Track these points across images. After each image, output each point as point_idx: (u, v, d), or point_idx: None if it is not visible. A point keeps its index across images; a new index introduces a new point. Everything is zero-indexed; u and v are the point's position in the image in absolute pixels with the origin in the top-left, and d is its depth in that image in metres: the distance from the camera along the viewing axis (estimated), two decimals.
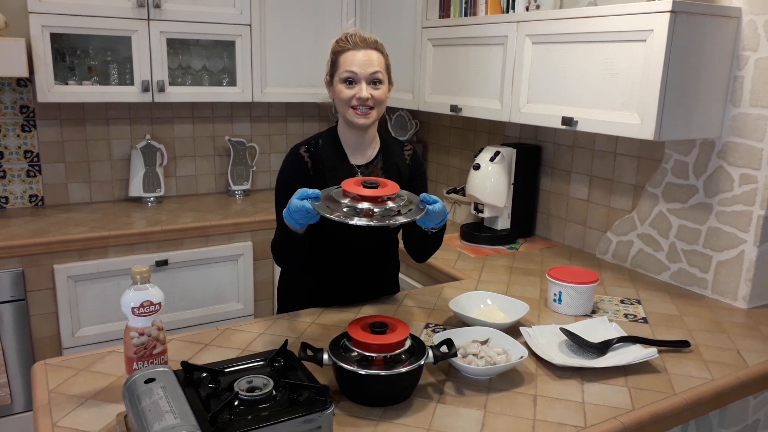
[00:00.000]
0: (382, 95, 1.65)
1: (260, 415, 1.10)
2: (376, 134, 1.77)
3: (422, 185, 1.81)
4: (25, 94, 2.85)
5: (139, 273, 1.27)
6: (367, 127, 1.68)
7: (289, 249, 1.63)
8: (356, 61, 1.61)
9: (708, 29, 1.81)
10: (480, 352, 1.45)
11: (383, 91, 1.65)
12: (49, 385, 1.37)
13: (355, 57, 1.62)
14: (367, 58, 1.62)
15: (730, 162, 1.94)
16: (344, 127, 1.72)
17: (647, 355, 1.50)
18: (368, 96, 1.62)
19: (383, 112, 1.70)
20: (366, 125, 1.66)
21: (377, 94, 1.63)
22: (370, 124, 1.66)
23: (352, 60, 1.62)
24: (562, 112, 2.07)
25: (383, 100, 1.66)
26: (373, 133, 1.75)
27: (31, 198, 2.95)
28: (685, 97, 1.82)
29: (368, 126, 1.67)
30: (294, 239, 1.57)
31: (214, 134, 3.33)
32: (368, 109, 1.63)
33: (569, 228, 2.59)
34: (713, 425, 1.68)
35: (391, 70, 1.71)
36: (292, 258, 1.68)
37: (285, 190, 1.67)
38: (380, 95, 1.64)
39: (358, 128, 1.67)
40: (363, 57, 1.62)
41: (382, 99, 1.65)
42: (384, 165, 1.75)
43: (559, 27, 2.05)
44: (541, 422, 1.26)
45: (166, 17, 2.78)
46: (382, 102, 1.66)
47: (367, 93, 1.62)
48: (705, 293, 2.05)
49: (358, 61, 1.61)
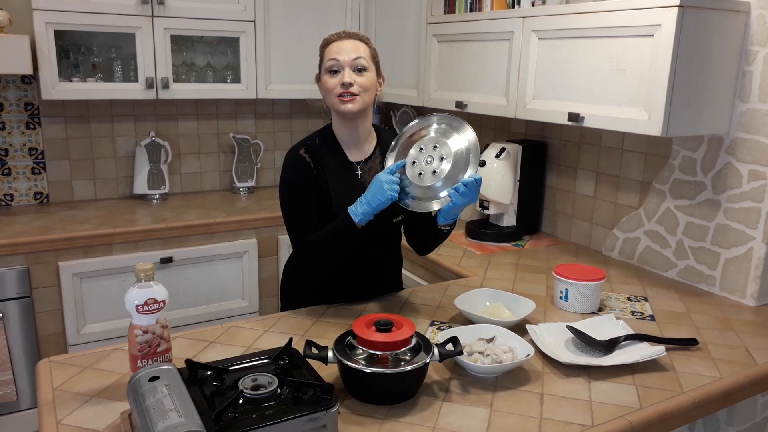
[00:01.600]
0: (367, 82, 1.63)
1: (265, 413, 1.09)
2: (371, 129, 1.76)
3: None
4: (30, 92, 2.85)
5: (143, 270, 1.26)
6: (355, 115, 1.66)
7: (342, 246, 1.62)
8: (339, 50, 1.62)
9: (716, 24, 1.79)
10: (486, 350, 1.44)
11: (368, 78, 1.63)
12: (53, 383, 1.36)
13: (339, 46, 1.63)
14: (351, 46, 1.63)
15: (739, 158, 1.93)
16: (338, 122, 1.72)
17: (655, 353, 1.48)
18: (351, 81, 1.60)
19: (371, 101, 1.68)
20: (353, 111, 1.63)
21: (362, 81, 1.61)
22: (357, 111, 1.63)
23: (336, 49, 1.63)
24: (568, 108, 2.05)
25: (369, 88, 1.63)
26: (368, 127, 1.74)
27: (36, 195, 2.95)
28: (693, 93, 1.80)
29: (355, 112, 1.64)
30: (351, 232, 1.57)
31: (218, 131, 3.33)
32: (353, 95, 1.61)
33: (575, 225, 2.57)
34: (721, 423, 1.67)
35: (380, 65, 1.71)
36: (340, 256, 1.66)
37: (294, 193, 1.67)
38: (365, 82, 1.62)
39: (347, 117, 1.66)
40: (347, 45, 1.63)
41: (367, 86, 1.63)
42: (382, 160, 1.75)
43: (565, 22, 2.03)
44: (548, 421, 1.25)
45: (170, 14, 2.77)
46: (368, 89, 1.63)
47: (350, 78, 1.60)
48: (713, 290, 2.04)
49: (342, 49, 1.62)
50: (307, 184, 1.67)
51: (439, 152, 1.58)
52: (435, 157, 1.58)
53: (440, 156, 1.58)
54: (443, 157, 1.58)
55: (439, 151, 1.58)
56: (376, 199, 1.53)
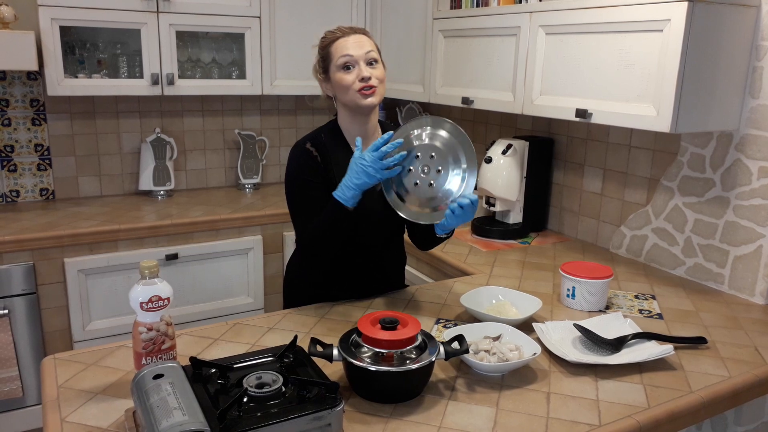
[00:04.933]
0: (381, 74, 1.65)
1: (269, 411, 1.09)
2: (377, 122, 1.77)
3: None
4: (35, 88, 2.85)
5: (147, 268, 1.26)
6: (370, 112, 1.68)
7: (337, 231, 1.61)
8: (350, 45, 1.62)
9: (726, 19, 1.76)
10: (492, 349, 1.42)
11: (380, 70, 1.65)
12: (58, 380, 1.36)
13: (347, 42, 1.63)
14: (358, 40, 1.63)
15: (748, 155, 1.90)
16: (347, 117, 1.71)
17: (663, 352, 1.47)
18: (369, 75, 1.61)
19: (384, 93, 1.70)
20: (374, 104, 1.65)
21: (377, 73, 1.63)
22: (377, 103, 1.66)
23: (345, 45, 1.62)
24: (576, 104, 2.03)
25: (383, 79, 1.66)
26: (375, 120, 1.75)
27: (41, 191, 2.96)
28: (702, 89, 1.78)
29: (375, 105, 1.66)
30: (345, 217, 1.56)
31: (223, 127, 3.32)
32: (372, 87, 1.62)
33: (582, 222, 2.56)
34: (729, 422, 1.66)
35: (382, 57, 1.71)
36: (336, 242, 1.64)
37: (301, 187, 1.67)
38: (379, 74, 1.64)
39: (367, 111, 1.67)
40: (355, 40, 1.63)
41: (382, 77, 1.65)
42: None
43: (573, 17, 2.01)
44: (555, 420, 1.24)
45: (176, 9, 2.76)
46: (383, 81, 1.66)
47: (368, 72, 1.61)
48: (722, 289, 2.02)
49: (352, 44, 1.62)
50: (313, 177, 1.67)
51: (437, 163, 1.57)
52: (432, 167, 1.57)
53: (437, 167, 1.57)
54: (440, 169, 1.57)
55: (437, 162, 1.57)
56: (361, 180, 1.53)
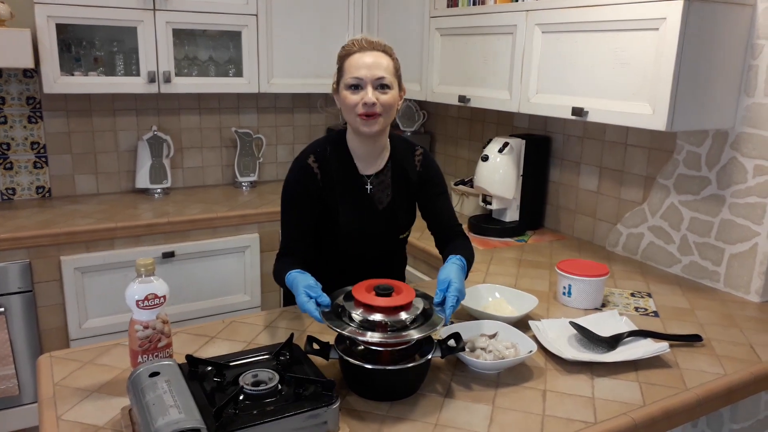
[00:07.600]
0: (390, 100, 1.53)
1: (265, 409, 1.09)
2: (386, 142, 1.67)
3: (436, 191, 1.72)
4: (32, 85, 2.84)
5: (143, 266, 1.26)
6: (375, 136, 1.58)
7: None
8: (362, 65, 1.51)
9: (722, 17, 1.77)
10: (488, 347, 1.43)
11: (391, 96, 1.54)
12: (54, 378, 1.36)
13: (361, 60, 1.52)
14: (374, 60, 1.52)
15: (744, 153, 1.91)
16: (353, 136, 1.63)
17: (658, 350, 1.48)
18: (374, 100, 1.50)
19: (392, 119, 1.59)
20: (371, 134, 1.55)
21: (384, 99, 1.52)
22: (376, 133, 1.56)
23: (358, 63, 1.52)
24: (572, 103, 2.04)
25: (391, 106, 1.54)
26: (384, 141, 1.65)
27: (38, 189, 2.95)
28: (698, 87, 1.79)
29: (375, 134, 1.57)
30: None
31: (220, 125, 3.32)
32: (375, 115, 1.52)
33: (579, 220, 2.56)
34: (724, 420, 1.66)
35: (402, 77, 1.60)
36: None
37: (292, 202, 1.64)
38: (388, 100, 1.52)
39: (366, 137, 1.58)
40: (370, 60, 1.52)
41: (390, 104, 1.53)
42: (393, 174, 1.68)
43: (569, 15, 2.02)
44: (551, 417, 1.25)
45: (172, 7, 2.76)
46: (391, 108, 1.54)
47: (374, 97, 1.50)
48: (717, 286, 2.02)
49: (364, 64, 1.51)
50: (308, 196, 1.61)
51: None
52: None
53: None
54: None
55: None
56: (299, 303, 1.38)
